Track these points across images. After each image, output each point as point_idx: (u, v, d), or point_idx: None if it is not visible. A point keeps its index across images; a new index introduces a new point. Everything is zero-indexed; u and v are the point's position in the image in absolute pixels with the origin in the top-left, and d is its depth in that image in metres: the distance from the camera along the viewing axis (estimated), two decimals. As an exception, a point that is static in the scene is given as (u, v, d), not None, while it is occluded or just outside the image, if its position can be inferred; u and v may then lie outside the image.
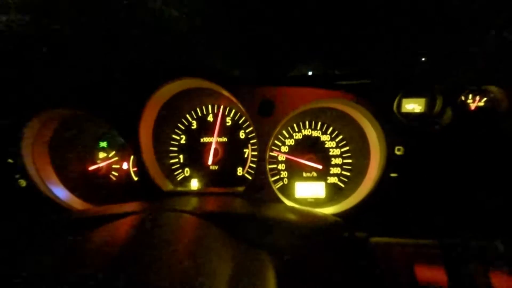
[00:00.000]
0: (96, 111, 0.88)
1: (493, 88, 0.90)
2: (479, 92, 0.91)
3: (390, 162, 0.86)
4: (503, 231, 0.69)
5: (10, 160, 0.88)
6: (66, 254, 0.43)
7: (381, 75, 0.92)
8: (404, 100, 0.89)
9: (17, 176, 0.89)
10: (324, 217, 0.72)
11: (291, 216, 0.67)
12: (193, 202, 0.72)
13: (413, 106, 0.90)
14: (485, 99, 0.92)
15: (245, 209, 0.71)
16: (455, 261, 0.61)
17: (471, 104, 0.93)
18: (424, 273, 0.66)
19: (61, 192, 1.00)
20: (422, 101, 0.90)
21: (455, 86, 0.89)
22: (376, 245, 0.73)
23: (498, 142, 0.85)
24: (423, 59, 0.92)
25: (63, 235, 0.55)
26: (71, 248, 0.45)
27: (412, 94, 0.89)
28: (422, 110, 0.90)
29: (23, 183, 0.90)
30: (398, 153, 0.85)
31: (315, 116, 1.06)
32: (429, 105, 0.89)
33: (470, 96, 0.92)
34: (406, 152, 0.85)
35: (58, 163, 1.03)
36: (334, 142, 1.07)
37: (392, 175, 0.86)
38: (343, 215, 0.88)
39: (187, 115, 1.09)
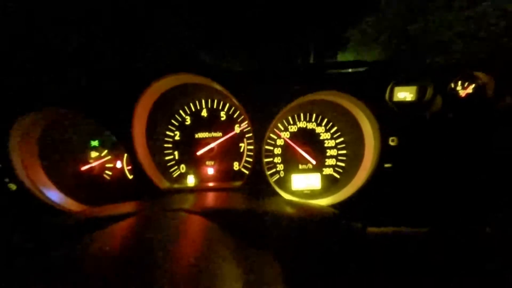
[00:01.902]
0: (85, 110, 0.85)
1: (480, 74, 0.92)
2: (467, 78, 0.93)
3: (384, 152, 0.87)
4: (494, 215, 0.72)
5: (-2, 164, 0.85)
6: (67, 259, 0.42)
7: (373, 64, 0.92)
8: (396, 89, 0.90)
9: (6, 180, 0.87)
10: (320, 209, 0.73)
11: (290, 210, 0.68)
12: (191, 199, 0.72)
13: (404, 94, 0.91)
14: (473, 85, 0.94)
15: (244, 205, 0.71)
16: None
17: (460, 91, 0.95)
18: None
19: (53, 194, 0.97)
20: (413, 89, 0.91)
21: (445, 74, 0.90)
22: (373, 234, 0.75)
23: (488, 127, 0.87)
24: (414, 47, 0.93)
25: (61, 239, 0.53)
26: (71, 253, 0.44)
27: (404, 82, 0.90)
28: (414, 98, 0.92)
29: (13, 186, 0.88)
30: (392, 143, 0.86)
31: (309, 108, 1.06)
32: (420, 93, 0.91)
33: (460, 83, 0.94)
34: (400, 143, 0.86)
35: (48, 164, 1.00)
36: (329, 133, 1.07)
37: (387, 165, 0.87)
38: (339, 206, 0.90)
39: (180, 111, 1.07)
